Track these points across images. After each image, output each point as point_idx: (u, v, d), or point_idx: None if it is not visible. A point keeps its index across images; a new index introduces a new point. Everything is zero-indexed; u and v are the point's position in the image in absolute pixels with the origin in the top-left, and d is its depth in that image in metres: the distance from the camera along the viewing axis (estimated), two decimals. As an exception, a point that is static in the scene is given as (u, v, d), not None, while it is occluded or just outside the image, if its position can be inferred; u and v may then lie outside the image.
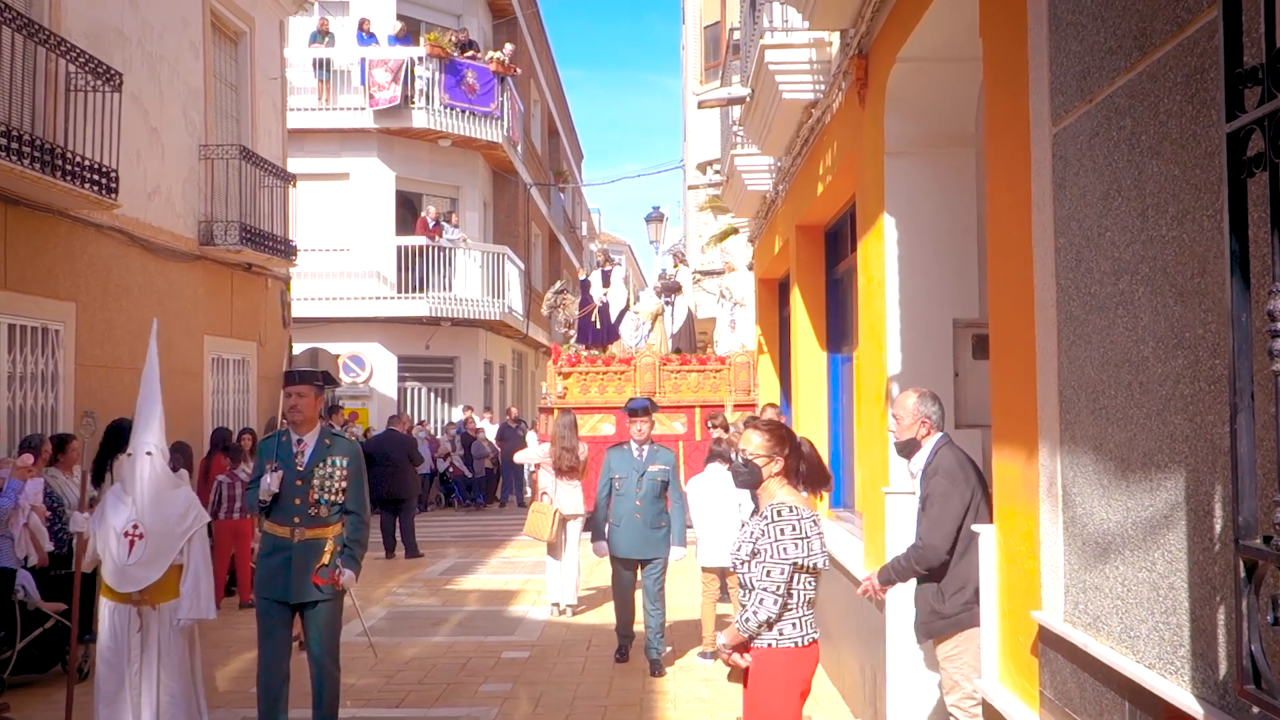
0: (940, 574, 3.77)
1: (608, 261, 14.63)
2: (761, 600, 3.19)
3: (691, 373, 12.53)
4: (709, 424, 8.69)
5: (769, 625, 3.22)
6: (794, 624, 3.23)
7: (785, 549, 3.19)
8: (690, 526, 7.00)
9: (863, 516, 5.49)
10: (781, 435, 3.37)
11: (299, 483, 4.69)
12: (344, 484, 4.74)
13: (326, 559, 4.67)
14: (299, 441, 4.78)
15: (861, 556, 5.41)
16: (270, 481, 4.66)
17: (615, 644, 6.82)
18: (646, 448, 6.49)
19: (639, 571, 6.54)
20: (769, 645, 3.23)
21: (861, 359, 5.49)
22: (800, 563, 3.21)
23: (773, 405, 8.40)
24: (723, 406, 11.83)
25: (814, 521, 3.26)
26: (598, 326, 13.80)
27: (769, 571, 3.19)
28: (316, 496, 4.68)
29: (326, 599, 4.70)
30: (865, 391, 5.36)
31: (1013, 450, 3.18)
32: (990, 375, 3.40)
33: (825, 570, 3.36)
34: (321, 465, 4.71)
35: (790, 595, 3.22)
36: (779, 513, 3.23)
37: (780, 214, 8.60)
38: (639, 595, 6.79)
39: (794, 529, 3.21)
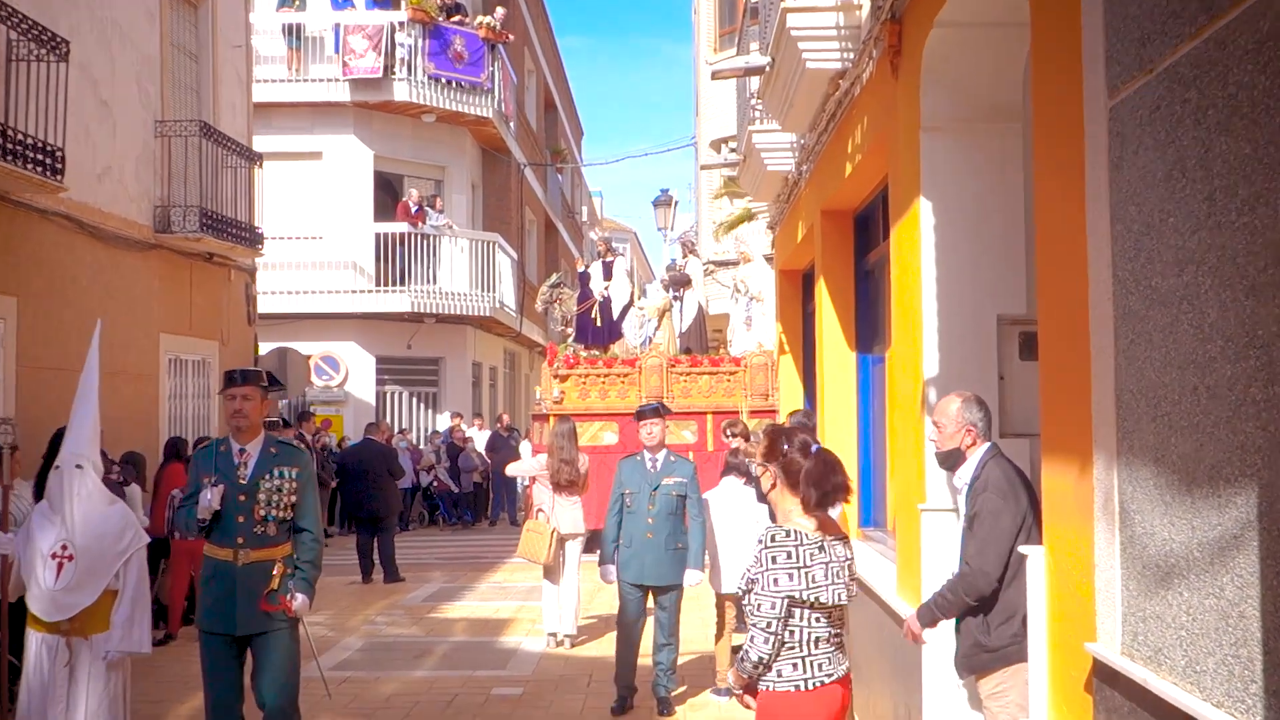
0: (988, 603, 3.75)
1: (609, 251, 14.65)
2: (753, 638, 3.15)
3: (703, 375, 12.54)
4: (724, 432, 8.68)
5: (765, 666, 3.18)
6: (795, 665, 3.18)
7: (776, 580, 3.14)
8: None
9: (896, 536, 5.49)
10: (775, 442, 3.32)
11: (242, 498, 4.57)
12: (294, 498, 4.62)
13: (275, 583, 4.55)
14: (241, 451, 4.66)
15: (895, 581, 5.42)
16: (210, 497, 4.51)
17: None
18: (661, 458, 6.47)
19: (651, 600, 6.50)
20: (768, 688, 3.20)
21: (895, 360, 5.49)
22: (798, 596, 3.15)
23: (801, 413, 8.37)
24: (738, 413, 11.83)
25: (820, 548, 3.17)
26: (598, 324, 13.82)
27: (759, 605, 3.15)
28: (263, 513, 4.57)
29: (278, 628, 4.55)
30: (899, 396, 5.36)
31: (1064, 462, 3.18)
32: (1039, 378, 3.40)
33: (847, 604, 3.28)
34: (268, 477, 4.61)
35: (790, 633, 3.17)
36: (773, 538, 3.18)
37: (804, 197, 8.60)
38: (648, 630, 6.74)
39: (789, 557, 3.15)
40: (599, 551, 6.69)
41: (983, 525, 3.70)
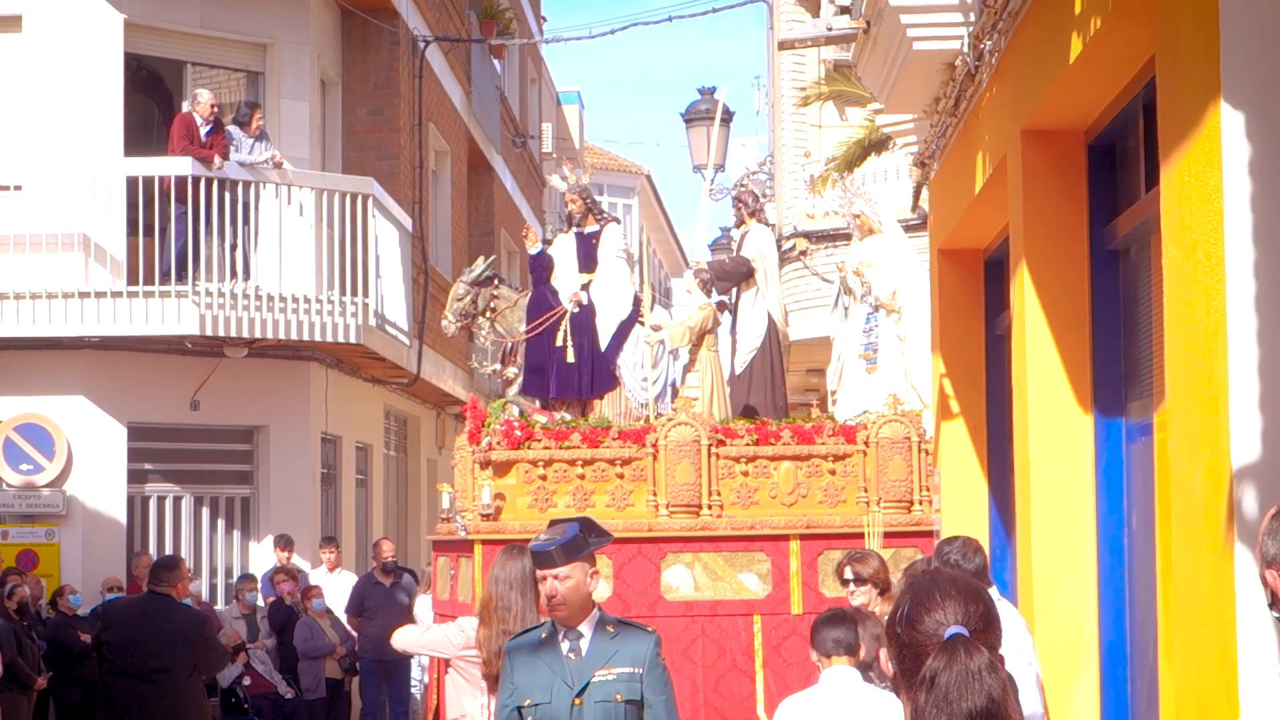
0: None
1: (590, 214, 14.55)
2: None
3: (782, 460, 12.48)
4: (839, 574, 8.55)
5: None
6: None
7: None
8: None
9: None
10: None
11: None
12: None
13: None
14: None
15: None
16: None
17: None
18: (589, 634, 6.55)
19: None
20: None
21: (1173, 429, 5.52)
22: None
23: (958, 544, 8.25)
24: (860, 535, 11.73)
25: None
26: (569, 358, 13.74)
27: None
28: None
29: None
30: (1182, 500, 5.38)
31: None
32: None
33: None
34: None
35: None
36: None
37: (986, 106, 8.65)
38: None
39: None
40: None
41: None
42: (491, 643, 8.02)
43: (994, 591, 7.54)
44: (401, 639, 9.38)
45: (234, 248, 17.85)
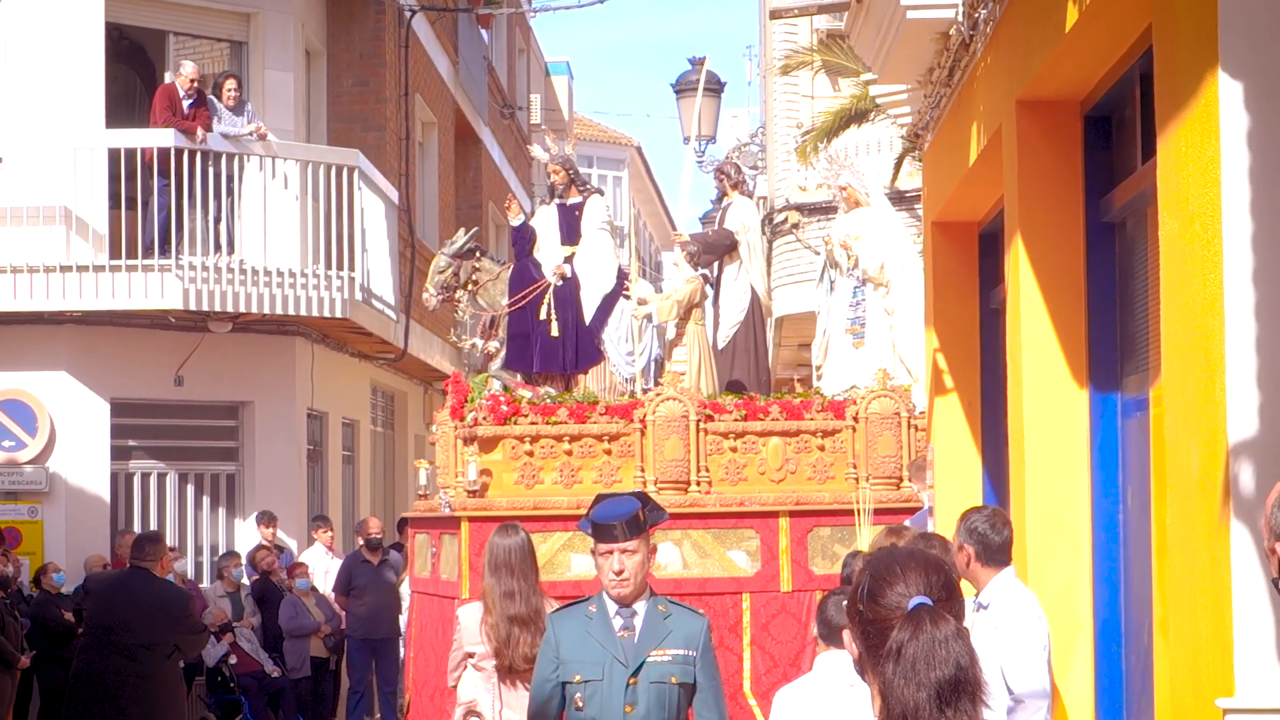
0: None
1: (574, 186, 14.47)
2: None
3: (770, 436, 12.47)
4: (846, 561, 8.53)
5: None
6: None
7: None
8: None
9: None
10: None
11: None
12: None
13: None
14: None
15: None
16: None
17: None
18: (644, 612, 6.53)
19: None
20: None
21: (1170, 404, 5.53)
22: None
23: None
24: (849, 513, 11.69)
25: None
26: (553, 332, 13.69)
27: None
28: None
29: None
30: (1181, 477, 5.38)
31: None
32: None
33: None
34: None
35: None
36: None
37: (981, 76, 8.60)
38: None
39: None
40: None
41: None
42: (499, 630, 8.09)
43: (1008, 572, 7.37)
44: (463, 690, 9.08)
45: (218, 221, 17.85)
